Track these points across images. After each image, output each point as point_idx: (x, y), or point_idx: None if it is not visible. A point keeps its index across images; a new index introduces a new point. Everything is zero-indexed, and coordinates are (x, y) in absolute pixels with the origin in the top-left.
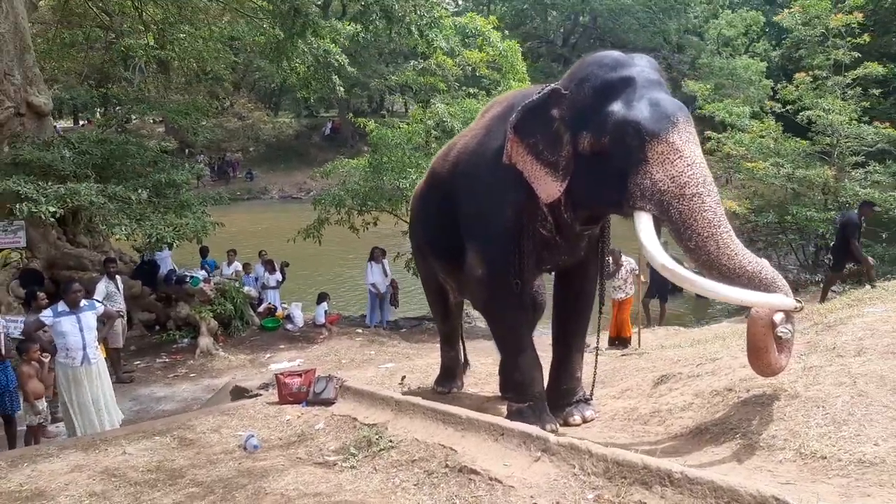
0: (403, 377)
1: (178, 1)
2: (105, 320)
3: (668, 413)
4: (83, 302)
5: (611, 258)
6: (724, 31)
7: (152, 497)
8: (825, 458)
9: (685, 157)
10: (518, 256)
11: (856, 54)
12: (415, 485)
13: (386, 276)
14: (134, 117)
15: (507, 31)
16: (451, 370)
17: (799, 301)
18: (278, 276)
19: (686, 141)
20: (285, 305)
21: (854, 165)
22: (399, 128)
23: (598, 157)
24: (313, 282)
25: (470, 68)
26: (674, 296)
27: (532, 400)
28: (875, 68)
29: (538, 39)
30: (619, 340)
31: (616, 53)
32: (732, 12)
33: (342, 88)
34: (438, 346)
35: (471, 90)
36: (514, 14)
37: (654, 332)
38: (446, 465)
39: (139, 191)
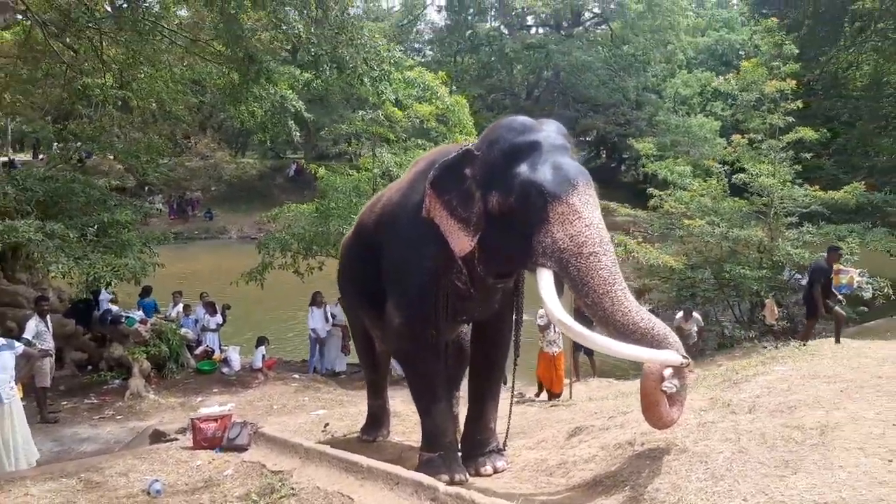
0: (326, 424)
1: (138, 42)
2: (26, 359)
3: (573, 465)
4: (1, 340)
5: (544, 311)
6: (680, 90)
7: None
8: None
9: (584, 218)
10: (434, 307)
11: (790, 119)
12: None
13: (327, 321)
14: (94, 154)
15: (470, 84)
16: (378, 418)
17: (686, 357)
18: (219, 318)
19: (585, 203)
20: (225, 348)
21: (789, 226)
22: (348, 175)
23: (505, 215)
24: (255, 325)
25: (419, 121)
26: None
27: (442, 450)
28: (807, 133)
29: (503, 92)
30: (550, 395)
31: (525, 119)
32: (689, 72)
33: (297, 133)
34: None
35: (419, 141)
36: (480, 66)
37: (588, 384)
38: None
39: (84, 229)
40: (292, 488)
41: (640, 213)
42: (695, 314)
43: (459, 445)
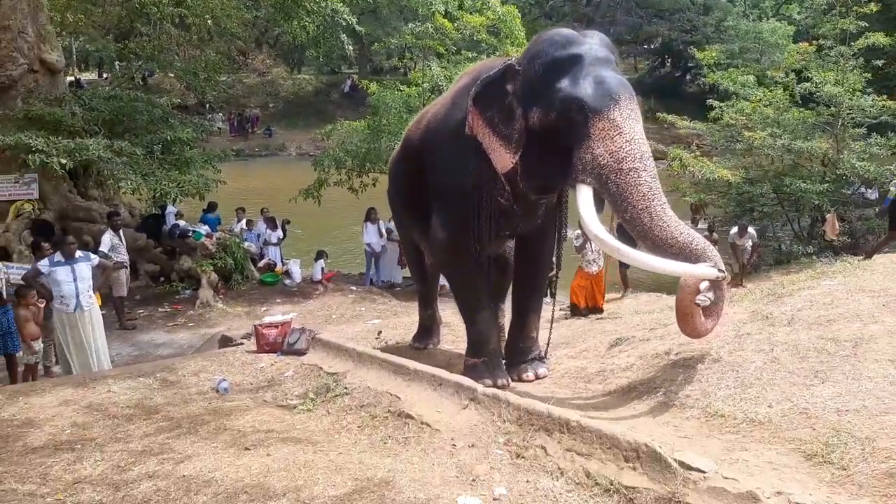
0: (380, 332)
1: None
2: (101, 270)
3: (611, 373)
4: (79, 253)
5: (580, 231)
6: None
7: (127, 429)
8: (724, 416)
9: (624, 134)
10: (477, 223)
11: (863, 24)
12: (358, 426)
13: (381, 236)
14: (155, 73)
15: None
16: (427, 328)
17: (722, 271)
18: (279, 233)
19: (626, 118)
20: (286, 261)
21: (855, 138)
22: (399, 90)
23: (546, 131)
24: (315, 240)
25: (469, 33)
26: None
27: (486, 356)
28: (878, 38)
29: None
30: (595, 310)
31: (568, 31)
32: None
33: (350, 47)
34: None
35: (470, 54)
36: None
37: (637, 298)
38: (388, 411)
39: (150, 146)
40: (346, 388)
41: (700, 126)
42: (750, 229)
43: (504, 353)
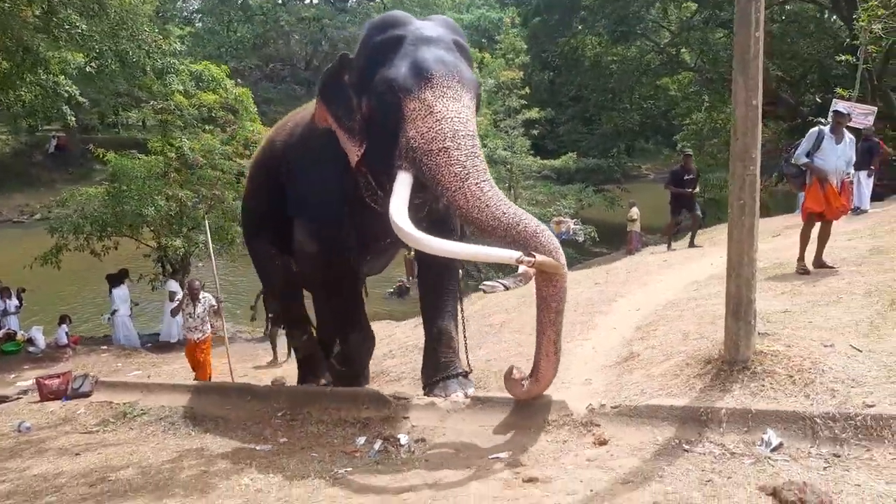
0: (149, 376)
1: None
2: None
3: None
4: None
5: (187, 290)
6: None
7: None
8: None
9: (435, 113)
10: (349, 229)
11: (523, 102)
12: (162, 431)
13: (126, 297)
14: None
15: (246, 54)
16: (311, 357)
17: (531, 255)
18: (16, 301)
19: (440, 96)
20: (25, 331)
21: (525, 187)
22: (138, 159)
23: (376, 120)
24: (55, 305)
25: (205, 109)
26: None
27: (359, 375)
28: (532, 113)
29: (281, 62)
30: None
31: (396, 13)
32: None
33: (73, 118)
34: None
35: (207, 127)
36: (255, 37)
37: None
38: (185, 416)
39: None
40: (142, 409)
41: None
42: None
43: (422, 372)
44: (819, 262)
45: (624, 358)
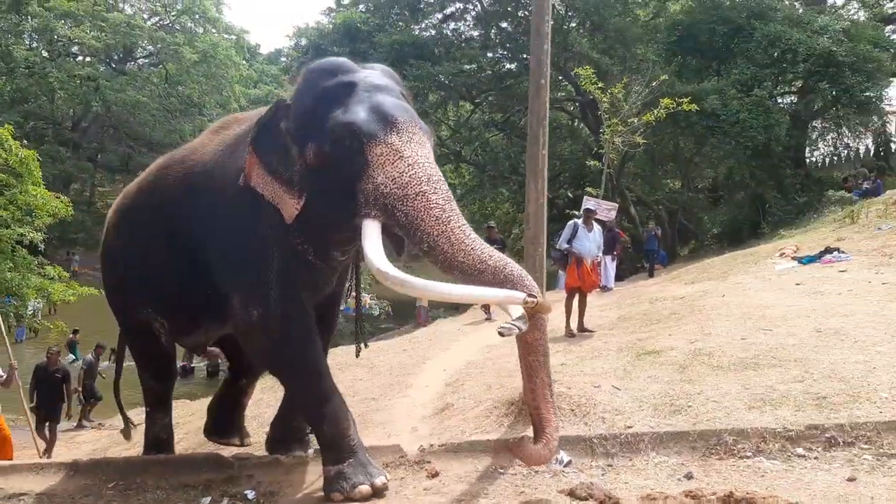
0: None
1: None
2: None
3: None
4: None
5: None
6: None
7: None
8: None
9: (405, 158)
10: (295, 287)
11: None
12: None
13: None
14: None
15: (3, 109)
16: (163, 441)
17: (534, 296)
18: None
19: (408, 141)
20: None
21: None
22: None
23: (325, 168)
24: None
25: None
26: None
27: (350, 455)
28: None
29: (43, 120)
30: None
31: (340, 60)
32: None
33: None
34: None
35: None
36: (14, 91)
37: None
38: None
39: None
40: None
41: None
42: None
43: (271, 430)
44: (581, 327)
45: (441, 408)
